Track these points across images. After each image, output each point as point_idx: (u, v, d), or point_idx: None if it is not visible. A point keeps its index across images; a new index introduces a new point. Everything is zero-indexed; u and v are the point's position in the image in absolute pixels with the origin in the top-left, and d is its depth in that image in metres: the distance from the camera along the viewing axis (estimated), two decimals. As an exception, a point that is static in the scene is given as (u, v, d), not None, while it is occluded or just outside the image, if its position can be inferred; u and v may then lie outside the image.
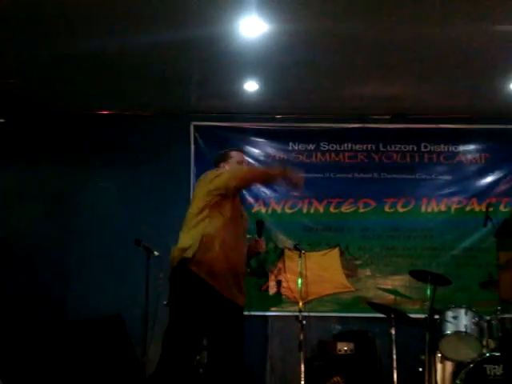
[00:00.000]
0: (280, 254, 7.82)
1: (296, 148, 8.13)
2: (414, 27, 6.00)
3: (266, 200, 8.00)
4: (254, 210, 7.93)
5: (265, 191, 7.99)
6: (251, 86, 7.39)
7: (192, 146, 8.13)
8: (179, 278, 4.49)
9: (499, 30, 6.02)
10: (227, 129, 8.19)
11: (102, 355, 6.52)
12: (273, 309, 7.76)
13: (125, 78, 7.21)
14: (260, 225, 4.95)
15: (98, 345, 6.61)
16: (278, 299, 7.68)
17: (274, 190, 7.99)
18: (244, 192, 7.78)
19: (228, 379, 4.42)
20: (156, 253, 6.70)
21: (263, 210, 7.96)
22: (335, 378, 6.64)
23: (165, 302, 6.31)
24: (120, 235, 7.61)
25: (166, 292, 6.28)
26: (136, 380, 6.57)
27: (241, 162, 4.98)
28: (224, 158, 4.99)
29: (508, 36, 6.12)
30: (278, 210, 7.94)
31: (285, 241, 7.82)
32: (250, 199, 7.96)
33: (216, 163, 5.02)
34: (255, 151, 8.17)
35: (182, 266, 4.44)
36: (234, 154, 5.01)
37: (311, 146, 8.18)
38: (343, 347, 6.98)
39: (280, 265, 7.84)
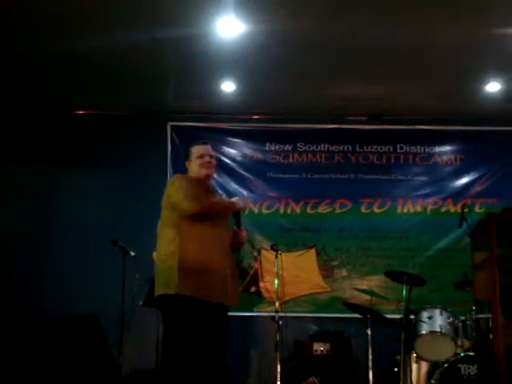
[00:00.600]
0: (257, 254, 7.83)
1: (273, 148, 8.14)
2: (389, 29, 6.05)
3: (242, 200, 7.99)
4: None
5: (241, 191, 7.99)
6: (228, 86, 7.40)
7: (169, 146, 8.12)
8: (168, 306, 4.40)
9: (474, 34, 6.09)
10: (204, 129, 8.18)
11: (77, 355, 6.48)
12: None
13: (102, 77, 7.19)
14: (237, 215, 4.74)
15: (73, 345, 6.56)
16: (254, 300, 7.68)
17: (251, 191, 8.00)
18: (220, 192, 7.80)
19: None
20: (132, 253, 6.68)
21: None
22: (311, 379, 6.65)
23: (141, 303, 6.33)
24: (96, 235, 7.56)
25: (142, 292, 6.31)
26: (111, 380, 6.54)
27: (201, 156, 4.71)
28: (186, 156, 4.84)
29: (482, 40, 6.19)
30: (255, 210, 7.94)
31: (261, 241, 7.82)
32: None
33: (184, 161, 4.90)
34: (232, 151, 8.17)
35: (168, 297, 4.37)
36: (194, 149, 4.80)
37: (288, 147, 8.20)
38: (319, 347, 6.99)
39: (257, 265, 7.84)
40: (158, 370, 6.76)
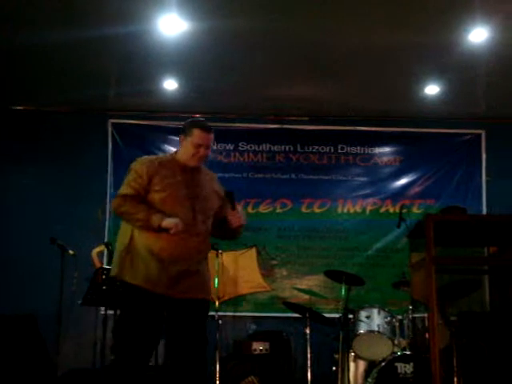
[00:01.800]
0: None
1: (214, 148, 8.12)
2: (330, 31, 6.10)
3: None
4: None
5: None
6: (170, 84, 7.36)
7: (109, 144, 8.05)
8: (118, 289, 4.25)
9: (413, 39, 6.17)
10: (146, 127, 8.13)
11: (12, 354, 6.38)
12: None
13: (42, 73, 7.09)
14: (230, 196, 4.33)
15: (9, 344, 6.47)
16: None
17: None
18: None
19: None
20: (71, 251, 6.60)
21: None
22: (250, 378, 6.66)
23: (79, 302, 6.25)
24: (35, 233, 7.46)
25: (81, 291, 6.24)
26: (46, 380, 6.46)
27: (198, 145, 4.19)
28: (184, 131, 4.29)
29: (421, 44, 6.27)
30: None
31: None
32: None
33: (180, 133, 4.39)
34: (173, 150, 8.10)
35: (115, 280, 4.23)
36: (196, 132, 4.21)
37: (230, 146, 8.19)
38: (258, 347, 7.00)
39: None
40: (95, 369, 6.70)
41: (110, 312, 6.25)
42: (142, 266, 4.04)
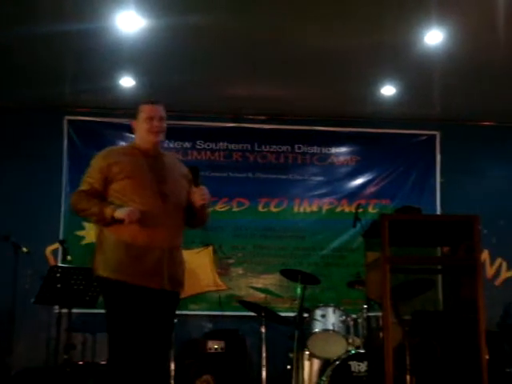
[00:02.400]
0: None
1: (172, 146, 8.08)
2: (291, 31, 6.12)
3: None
4: (127, 207, 7.85)
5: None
6: (127, 81, 7.32)
7: (65, 141, 7.97)
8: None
9: (369, 40, 6.23)
10: (102, 124, 8.07)
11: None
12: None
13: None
14: (195, 172, 4.14)
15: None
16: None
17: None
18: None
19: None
20: (25, 249, 6.53)
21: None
22: (205, 377, 6.65)
23: (33, 300, 6.18)
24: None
25: (35, 289, 6.16)
26: None
27: (150, 118, 4.12)
28: (135, 115, 4.22)
29: (378, 46, 6.35)
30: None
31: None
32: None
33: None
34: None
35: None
36: (142, 107, 4.19)
37: (187, 144, 8.17)
38: (214, 346, 7.00)
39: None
40: (49, 368, 6.64)
41: (64, 310, 6.18)
42: (114, 258, 3.88)
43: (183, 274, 4.11)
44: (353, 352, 6.06)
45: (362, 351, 6.04)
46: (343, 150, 8.37)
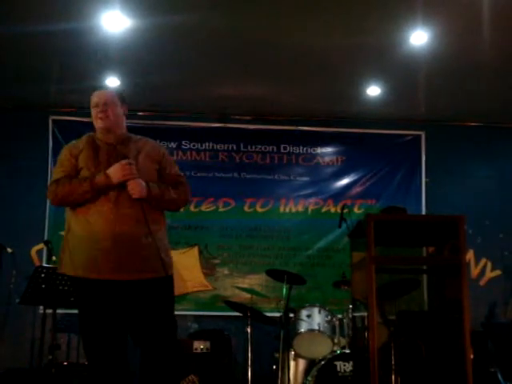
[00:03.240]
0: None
1: (157, 145, 8.07)
2: (276, 31, 6.12)
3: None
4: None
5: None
6: (112, 81, 7.29)
7: (50, 141, 7.94)
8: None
9: (354, 40, 6.24)
10: (87, 124, 7.94)
11: None
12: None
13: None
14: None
15: None
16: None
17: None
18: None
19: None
20: (9, 249, 6.50)
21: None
22: (190, 377, 6.63)
23: (17, 300, 6.16)
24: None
25: (20, 289, 6.14)
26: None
27: (96, 105, 4.16)
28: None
29: (364, 46, 6.36)
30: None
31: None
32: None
33: None
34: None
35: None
36: (91, 97, 4.25)
37: (173, 144, 8.16)
38: (199, 346, 6.98)
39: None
40: (33, 369, 6.61)
41: (49, 311, 6.16)
42: (80, 254, 3.87)
43: (159, 255, 3.93)
44: (338, 352, 6.07)
45: (348, 351, 6.06)
46: (329, 150, 8.38)
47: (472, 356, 5.02)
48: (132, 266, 3.87)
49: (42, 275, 5.94)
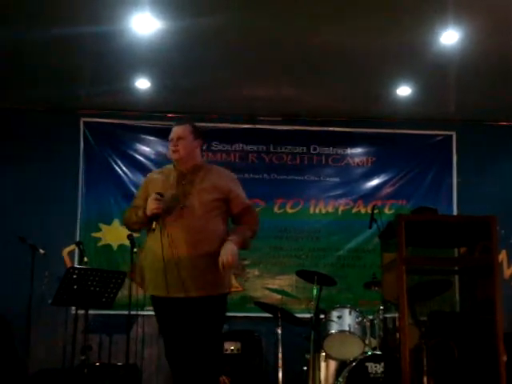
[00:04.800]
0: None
1: (187, 147, 8.10)
2: (307, 32, 6.11)
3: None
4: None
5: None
6: (143, 83, 7.33)
7: (81, 143, 8.00)
8: None
9: (385, 40, 6.22)
10: (118, 126, 8.10)
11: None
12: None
13: (14, 71, 7.04)
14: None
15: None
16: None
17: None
18: (134, 190, 7.76)
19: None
20: (42, 251, 6.57)
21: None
22: (221, 378, 6.65)
23: (50, 301, 6.21)
24: (5, 232, 7.39)
25: (52, 291, 6.20)
26: (17, 380, 6.42)
27: (170, 140, 4.46)
28: None
29: (394, 46, 6.34)
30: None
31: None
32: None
33: None
34: (146, 149, 8.10)
35: None
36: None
37: (202, 146, 8.15)
38: (230, 347, 7.00)
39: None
40: (65, 369, 6.66)
41: (81, 312, 6.21)
42: (148, 274, 4.34)
43: (212, 276, 4.21)
44: (369, 353, 6.04)
45: (379, 352, 6.02)
46: (359, 150, 8.35)
47: (505, 358, 4.98)
48: (189, 284, 4.18)
49: (74, 276, 5.98)
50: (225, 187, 4.38)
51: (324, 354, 6.33)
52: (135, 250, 6.63)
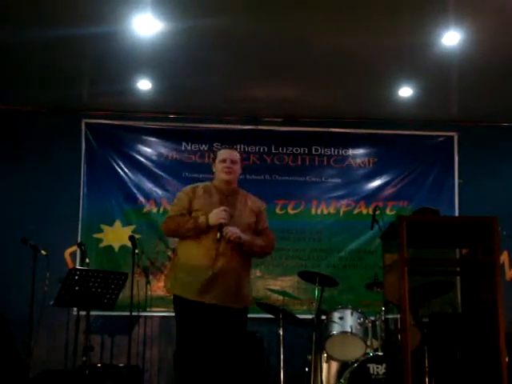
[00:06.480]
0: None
1: (189, 148, 8.12)
2: (307, 33, 6.11)
3: (157, 200, 7.95)
4: (145, 210, 7.89)
5: (156, 191, 7.95)
6: (144, 84, 7.33)
7: (83, 144, 8.00)
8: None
9: (386, 41, 6.23)
10: (120, 127, 8.10)
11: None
12: (158, 309, 7.68)
13: (16, 72, 7.04)
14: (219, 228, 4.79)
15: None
16: (165, 299, 7.53)
17: (166, 190, 7.95)
18: (135, 191, 7.77)
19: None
20: (43, 252, 6.56)
21: (154, 210, 7.91)
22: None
23: (51, 302, 6.21)
24: (6, 233, 7.40)
25: (53, 292, 6.20)
26: (18, 381, 6.42)
27: (224, 161, 4.87)
28: (213, 159, 5.00)
29: (395, 47, 6.34)
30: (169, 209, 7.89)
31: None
32: (142, 199, 7.91)
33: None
34: (148, 150, 8.10)
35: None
36: (219, 152, 4.99)
37: (204, 147, 8.17)
38: (231, 347, 6.98)
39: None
40: (67, 370, 6.66)
41: (83, 313, 6.21)
42: (182, 278, 4.68)
43: (241, 290, 4.76)
44: (371, 354, 6.04)
45: (381, 353, 6.02)
46: (360, 151, 8.36)
47: (507, 359, 4.97)
48: (223, 294, 4.64)
49: (76, 277, 5.98)
50: (259, 212, 4.96)
51: (326, 355, 6.34)
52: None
